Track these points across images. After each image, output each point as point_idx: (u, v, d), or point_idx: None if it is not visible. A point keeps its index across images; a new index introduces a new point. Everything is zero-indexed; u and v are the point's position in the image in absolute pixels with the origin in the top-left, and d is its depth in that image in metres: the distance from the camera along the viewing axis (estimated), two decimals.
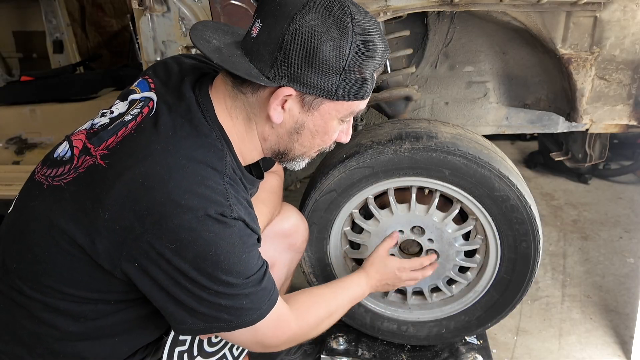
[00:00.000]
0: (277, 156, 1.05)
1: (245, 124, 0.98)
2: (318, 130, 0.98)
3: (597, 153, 2.04)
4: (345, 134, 1.05)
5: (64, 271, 0.91)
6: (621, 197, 2.88)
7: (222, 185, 0.90)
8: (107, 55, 3.86)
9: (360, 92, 0.94)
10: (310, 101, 0.93)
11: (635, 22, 1.41)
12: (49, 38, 3.44)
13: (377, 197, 1.52)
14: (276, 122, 0.95)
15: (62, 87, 2.88)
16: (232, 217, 0.88)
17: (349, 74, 0.89)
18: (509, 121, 1.97)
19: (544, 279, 2.11)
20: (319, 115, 0.95)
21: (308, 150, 1.03)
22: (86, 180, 0.90)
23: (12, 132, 2.88)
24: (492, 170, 1.35)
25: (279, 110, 0.93)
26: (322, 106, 0.94)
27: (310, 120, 0.96)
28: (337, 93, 0.91)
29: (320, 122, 0.97)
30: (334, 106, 0.94)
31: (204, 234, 0.85)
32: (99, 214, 0.86)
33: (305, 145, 1.01)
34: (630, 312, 1.85)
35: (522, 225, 1.39)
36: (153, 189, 0.84)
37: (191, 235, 0.84)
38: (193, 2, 1.50)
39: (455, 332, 1.60)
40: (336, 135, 1.02)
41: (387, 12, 1.41)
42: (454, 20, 1.80)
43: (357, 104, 0.97)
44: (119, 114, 0.98)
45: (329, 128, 0.98)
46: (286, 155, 1.04)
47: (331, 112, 0.95)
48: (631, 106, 1.52)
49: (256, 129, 0.99)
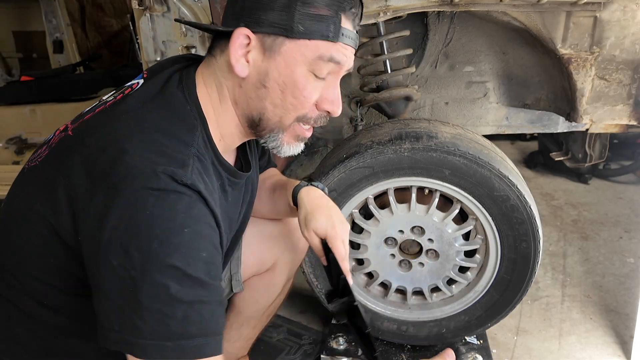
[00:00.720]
0: (254, 126, 0.95)
1: (218, 91, 0.93)
2: (285, 82, 0.88)
3: (597, 153, 2.05)
4: (331, 101, 0.94)
5: (37, 257, 0.87)
6: (621, 197, 2.88)
7: (185, 155, 0.83)
8: (107, 55, 3.86)
9: (323, 30, 0.86)
10: (270, 44, 0.87)
11: (635, 22, 1.41)
12: (49, 38, 3.44)
13: (377, 197, 1.52)
14: (240, 74, 0.88)
15: (62, 87, 2.88)
16: (183, 182, 0.78)
17: (304, 8, 0.84)
18: (509, 121, 1.97)
19: (544, 279, 2.11)
20: (282, 60, 0.87)
21: (283, 114, 0.92)
22: (54, 153, 0.88)
23: (12, 132, 2.88)
24: (492, 170, 1.35)
25: (242, 62, 0.88)
26: (284, 48, 0.87)
27: (274, 66, 0.88)
28: (295, 28, 0.85)
29: (285, 70, 0.88)
30: (296, 47, 0.87)
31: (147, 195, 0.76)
32: (60, 182, 0.82)
33: (277, 105, 0.91)
34: (630, 312, 1.85)
35: (522, 225, 1.40)
36: (109, 152, 0.80)
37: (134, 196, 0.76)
38: (193, 2, 1.50)
39: (455, 332, 1.60)
40: (313, 93, 0.91)
41: (387, 12, 1.41)
42: (454, 20, 1.80)
43: (326, 47, 0.87)
44: (105, 99, 0.98)
45: (297, 77, 0.88)
46: (262, 124, 0.93)
47: (295, 56, 0.87)
48: (631, 106, 1.52)
49: (228, 95, 0.93)
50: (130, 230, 0.74)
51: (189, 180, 0.79)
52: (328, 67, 0.90)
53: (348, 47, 0.91)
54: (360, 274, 1.63)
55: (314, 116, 0.95)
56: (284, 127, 0.94)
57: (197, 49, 1.54)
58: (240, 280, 1.31)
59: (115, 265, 0.74)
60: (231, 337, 1.39)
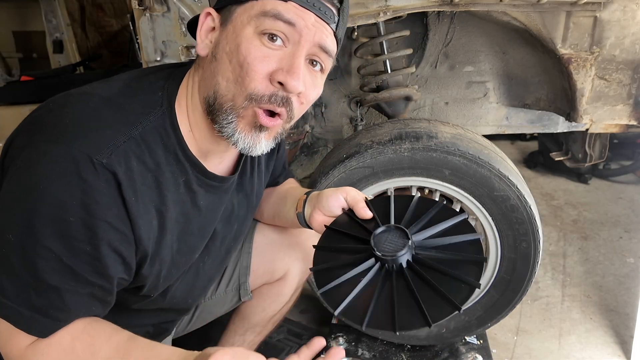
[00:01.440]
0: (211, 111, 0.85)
1: (193, 81, 0.89)
2: (232, 49, 0.80)
3: (597, 153, 2.04)
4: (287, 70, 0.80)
5: None
6: (621, 197, 2.88)
7: (120, 132, 0.77)
8: (107, 55, 3.87)
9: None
10: (226, 16, 0.83)
11: (635, 22, 1.41)
12: (49, 38, 3.44)
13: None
14: (201, 52, 0.85)
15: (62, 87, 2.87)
16: (99, 161, 0.73)
17: None
18: (509, 121, 1.97)
19: (544, 279, 2.11)
20: (232, 26, 0.82)
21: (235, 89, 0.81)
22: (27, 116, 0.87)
23: None
24: (492, 170, 1.35)
25: (206, 42, 0.85)
26: (234, 15, 0.82)
27: (224, 35, 0.82)
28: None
29: (232, 35, 0.81)
30: (243, 10, 0.81)
31: (50, 166, 0.72)
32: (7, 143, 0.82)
33: (229, 79, 0.81)
34: (630, 312, 1.85)
35: (522, 225, 1.39)
36: (52, 110, 0.80)
37: (40, 159, 0.73)
38: (193, 2, 1.50)
39: (455, 332, 1.60)
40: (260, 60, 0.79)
41: (387, 12, 1.41)
42: (454, 20, 1.80)
43: (272, 3, 0.79)
44: None
45: (241, 40, 0.80)
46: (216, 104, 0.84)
47: (242, 19, 0.81)
48: (631, 106, 1.52)
49: (198, 82, 0.88)
50: (19, 195, 0.74)
51: (105, 159, 0.74)
52: (277, 27, 0.79)
53: (306, 10, 0.80)
54: None
55: (267, 92, 0.81)
56: (236, 105, 0.82)
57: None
58: (248, 289, 1.30)
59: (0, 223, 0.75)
60: (235, 342, 1.38)
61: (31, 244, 0.74)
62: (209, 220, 1.00)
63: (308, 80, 0.85)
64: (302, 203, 1.10)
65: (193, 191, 0.91)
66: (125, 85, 0.86)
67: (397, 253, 0.84)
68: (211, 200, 0.97)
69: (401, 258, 0.84)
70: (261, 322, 1.38)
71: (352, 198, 1.01)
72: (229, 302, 1.32)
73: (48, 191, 0.72)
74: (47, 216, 0.73)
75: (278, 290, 1.33)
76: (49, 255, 0.74)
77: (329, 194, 1.04)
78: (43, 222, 0.73)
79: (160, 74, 0.91)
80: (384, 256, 0.84)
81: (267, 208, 1.25)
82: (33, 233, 0.73)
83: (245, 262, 1.28)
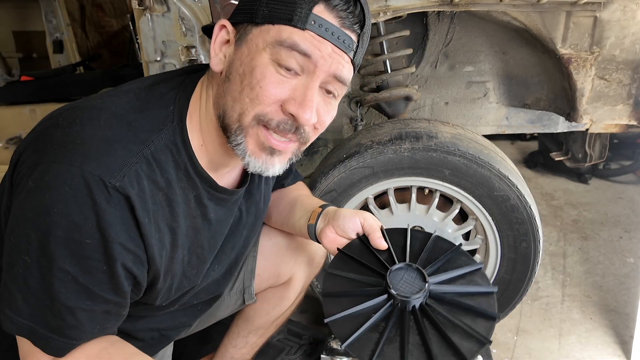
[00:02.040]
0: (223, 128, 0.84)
1: (207, 95, 0.87)
2: (245, 71, 0.79)
3: (597, 153, 2.04)
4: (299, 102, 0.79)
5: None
6: (621, 197, 2.88)
7: (131, 153, 0.76)
8: (107, 55, 3.87)
9: (287, 12, 0.76)
10: (241, 34, 0.81)
11: (635, 22, 1.41)
12: (49, 38, 3.44)
13: (377, 197, 1.52)
14: (215, 68, 0.83)
15: (62, 87, 2.89)
16: (112, 185, 0.73)
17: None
18: (509, 121, 1.97)
19: (544, 279, 2.11)
20: (247, 48, 0.79)
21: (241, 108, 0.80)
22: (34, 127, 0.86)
23: (12, 132, 2.88)
24: (492, 170, 1.35)
25: (220, 56, 0.83)
26: (250, 36, 0.79)
27: (238, 56, 0.80)
28: (260, 12, 0.78)
29: (246, 58, 0.79)
30: (259, 33, 0.78)
31: (64, 188, 0.71)
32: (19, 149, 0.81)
33: (236, 98, 0.80)
34: (630, 312, 1.85)
35: (522, 225, 1.39)
36: (60, 127, 0.77)
37: (52, 181, 0.72)
38: (193, 2, 1.50)
39: None
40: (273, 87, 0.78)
41: (387, 12, 1.41)
42: (454, 20, 1.80)
43: (288, 32, 0.77)
44: None
45: (255, 65, 0.78)
46: (224, 122, 0.83)
47: (257, 43, 0.78)
48: (631, 106, 1.52)
49: (212, 97, 0.86)
50: (38, 220, 0.73)
51: (118, 182, 0.73)
52: (293, 57, 0.77)
53: (325, 41, 0.78)
54: None
55: (276, 118, 0.80)
56: (243, 125, 0.81)
57: (197, 49, 1.54)
58: (252, 293, 1.29)
59: (14, 242, 0.75)
60: (238, 344, 1.37)
61: (47, 266, 0.74)
62: (219, 232, 1.00)
63: (321, 107, 0.84)
64: (316, 216, 1.09)
65: (204, 205, 0.91)
66: (135, 97, 0.84)
67: (414, 295, 0.84)
68: (221, 212, 0.97)
69: (416, 301, 0.84)
70: (264, 325, 1.37)
71: (369, 225, 1.01)
72: (233, 304, 1.32)
73: (62, 214, 0.72)
74: (61, 238, 0.73)
75: (282, 294, 1.32)
76: (65, 276, 0.74)
77: (346, 214, 1.04)
78: (58, 244, 0.73)
79: (171, 82, 0.89)
80: (400, 296, 0.84)
81: (275, 213, 1.24)
82: (48, 255, 0.73)
83: (250, 266, 1.28)
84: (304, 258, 1.29)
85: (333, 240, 1.03)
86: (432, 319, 0.82)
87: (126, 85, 0.88)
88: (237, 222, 1.06)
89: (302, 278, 1.31)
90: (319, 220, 1.08)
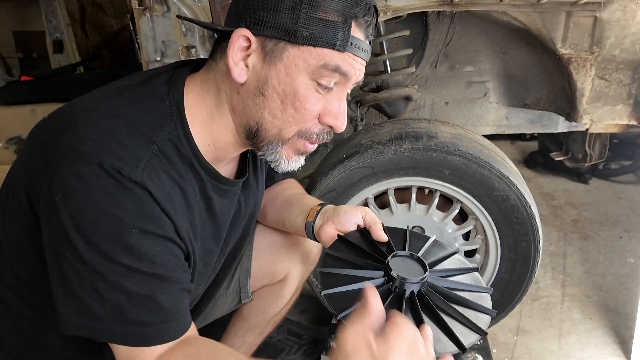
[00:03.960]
0: (251, 137, 0.88)
1: (215, 96, 0.87)
2: (285, 91, 0.81)
3: (597, 153, 2.04)
4: (334, 116, 0.86)
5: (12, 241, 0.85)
6: (621, 197, 2.88)
7: (142, 149, 0.77)
8: (107, 55, 3.86)
9: (329, 37, 0.78)
10: (272, 48, 0.80)
11: (635, 22, 1.41)
12: (49, 38, 3.44)
13: (377, 197, 1.52)
14: (238, 79, 0.82)
15: (62, 87, 2.89)
16: (131, 178, 0.74)
17: (311, 11, 0.77)
18: (509, 121, 1.97)
19: (544, 279, 2.11)
20: (283, 67, 0.80)
21: (282, 125, 0.85)
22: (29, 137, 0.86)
23: (12, 132, 2.88)
24: (492, 170, 1.35)
25: (241, 66, 0.82)
26: (286, 54, 0.80)
27: (274, 74, 0.81)
28: (299, 32, 0.78)
29: (285, 78, 0.81)
30: (298, 53, 0.79)
31: (91, 186, 0.72)
32: (22, 159, 0.81)
33: (277, 116, 0.84)
34: (630, 312, 1.85)
35: (522, 225, 1.40)
36: (63, 132, 0.77)
37: (77, 184, 0.72)
38: (193, 2, 1.50)
39: None
40: (315, 105, 0.84)
41: (387, 12, 1.41)
42: (454, 20, 1.80)
43: (331, 55, 0.80)
44: None
45: (298, 86, 0.81)
46: (260, 135, 0.86)
47: (297, 63, 0.80)
48: (631, 106, 1.52)
49: (226, 101, 0.87)
50: (79, 224, 0.73)
51: (138, 177, 0.74)
52: (333, 78, 0.82)
53: (358, 58, 0.83)
54: None
55: (316, 131, 0.87)
56: (283, 140, 0.87)
57: (197, 49, 1.54)
58: (249, 292, 1.30)
59: (68, 256, 0.74)
60: (235, 343, 1.38)
61: (108, 267, 0.74)
62: (223, 224, 1.01)
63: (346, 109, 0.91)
64: (315, 213, 1.10)
65: (208, 197, 0.92)
66: (130, 95, 0.84)
67: (414, 278, 0.84)
68: (224, 204, 0.98)
69: (415, 286, 0.84)
70: (261, 324, 1.38)
71: (370, 218, 1.02)
72: (229, 304, 1.32)
73: (101, 211, 0.72)
74: (110, 236, 0.73)
75: (278, 292, 1.33)
76: (129, 272, 0.75)
77: (347, 209, 1.05)
78: (109, 242, 0.73)
79: (161, 78, 0.89)
80: (400, 277, 0.84)
81: (271, 212, 1.24)
82: (104, 256, 0.73)
83: (245, 265, 1.28)
84: (298, 256, 1.30)
85: (332, 237, 1.03)
86: (429, 306, 0.82)
87: (114, 84, 0.87)
88: (237, 213, 1.06)
89: (297, 276, 1.32)
90: (318, 218, 1.08)
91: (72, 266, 0.74)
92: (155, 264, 0.77)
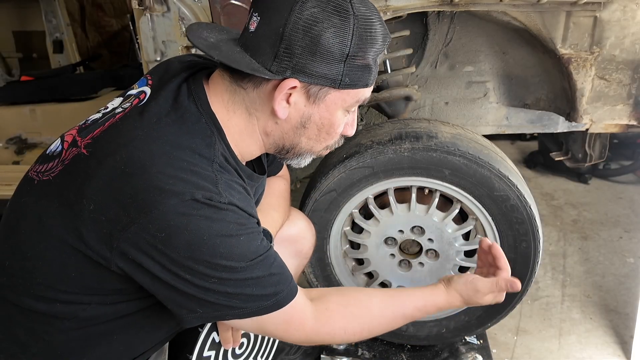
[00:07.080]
0: (281, 152, 1.02)
1: (245, 118, 0.95)
2: (324, 123, 0.95)
3: (597, 153, 2.04)
4: (351, 126, 1.02)
5: (55, 268, 0.88)
6: (621, 197, 2.88)
7: (211, 171, 0.87)
8: (107, 55, 3.86)
9: (365, 78, 0.92)
10: (316, 92, 0.90)
11: (635, 22, 1.41)
12: (49, 38, 3.43)
13: (377, 197, 1.52)
14: (282, 117, 0.92)
15: (62, 87, 2.88)
16: (221, 202, 0.85)
17: (353, 61, 0.88)
18: (509, 121, 1.97)
19: (544, 279, 2.11)
20: (325, 106, 0.93)
21: (315, 145, 1.00)
22: (69, 171, 0.88)
23: (12, 132, 2.88)
24: (492, 170, 1.35)
25: (284, 105, 0.91)
26: (328, 96, 0.91)
27: (317, 112, 0.93)
28: (343, 81, 0.89)
29: (326, 114, 0.94)
30: (340, 95, 0.92)
31: (194, 218, 0.81)
32: (83, 206, 0.83)
33: (312, 139, 0.98)
34: (630, 312, 1.85)
35: (522, 225, 1.39)
36: (135, 175, 0.82)
37: (180, 221, 0.80)
38: (193, 2, 1.50)
39: (455, 332, 1.60)
40: (342, 127, 0.99)
41: (387, 12, 1.41)
42: (454, 20, 1.80)
43: (363, 92, 0.95)
44: (112, 108, 0.97)
45: (335, 119, 0.96)
46: (291, 151, 1.01)
47: (337, 102, 0.93)
48: (631, 106, 1.52)
49: (257, 124, 0.96)
50: (194, 254, 0.82)
51: (225, 199, 0.85)
52: (359, 103, 0.97)
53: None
54: (360, 274, 1.63)
55: (337, 141, 1.03)
56: (313, 152, 1.02)
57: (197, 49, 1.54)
58: None
59: (189, 279, 0.84)
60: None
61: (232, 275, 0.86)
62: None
63: None
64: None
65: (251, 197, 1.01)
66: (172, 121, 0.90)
67: None
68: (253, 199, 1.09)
69: None
70: None
71: None
72: None
73: (211, 236, 0.83)
74: (225, 252, 0.84)
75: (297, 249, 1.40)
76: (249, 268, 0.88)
77: None
78: (226, 258, 0.85)
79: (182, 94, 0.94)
80: None
81: None
82: (227, 269, 0.85)
83: None
84: (292, 251, 1.32)
85: None
86: None
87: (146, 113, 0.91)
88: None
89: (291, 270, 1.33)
90: None
91: (196, 287, 0.85)
92: (260, 252, 0.90)
